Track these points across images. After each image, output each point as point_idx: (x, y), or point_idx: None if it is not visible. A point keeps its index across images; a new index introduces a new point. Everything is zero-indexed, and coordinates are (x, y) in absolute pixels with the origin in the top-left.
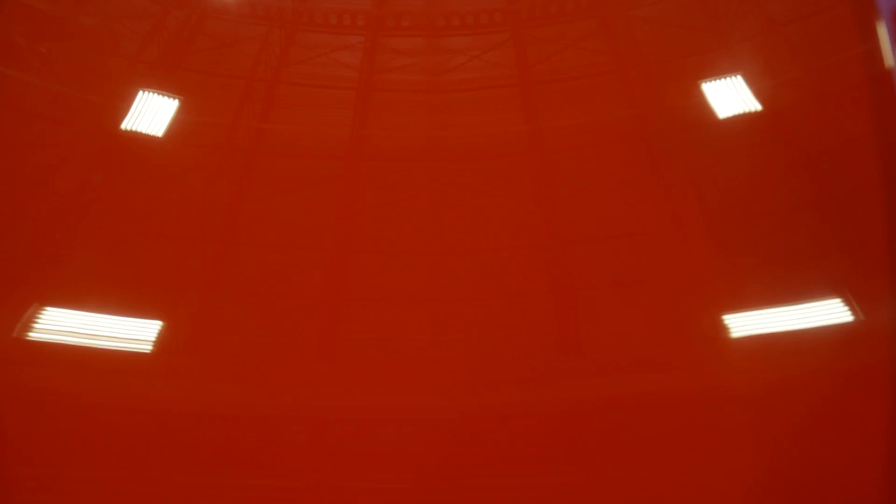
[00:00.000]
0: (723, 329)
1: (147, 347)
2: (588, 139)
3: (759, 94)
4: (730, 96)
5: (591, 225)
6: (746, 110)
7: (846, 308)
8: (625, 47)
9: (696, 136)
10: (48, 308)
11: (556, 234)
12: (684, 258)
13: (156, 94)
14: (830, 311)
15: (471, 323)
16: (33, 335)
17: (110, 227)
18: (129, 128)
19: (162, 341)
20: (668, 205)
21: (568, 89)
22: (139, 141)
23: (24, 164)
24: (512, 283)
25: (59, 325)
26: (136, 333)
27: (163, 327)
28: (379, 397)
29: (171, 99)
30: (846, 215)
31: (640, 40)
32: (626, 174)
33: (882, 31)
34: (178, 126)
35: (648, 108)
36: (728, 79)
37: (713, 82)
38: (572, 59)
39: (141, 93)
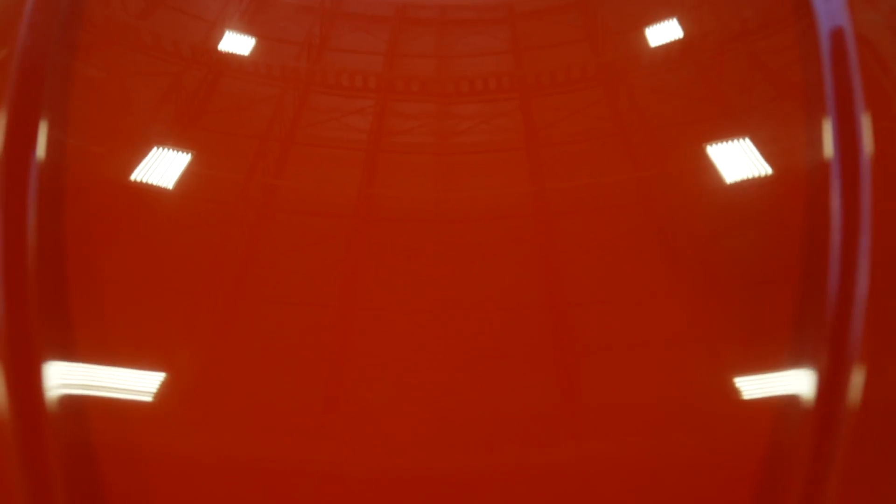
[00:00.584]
0: (730, 391)
1: (150, 398)
2: (593, 202)
3: (767, 160)
4: (737, 162)
5: (596, 287)
6: (753, 176)
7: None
8: (630, 114)
9: (702, 200)
10: (57, 362)
11: (561, 296)
12: (689, 321)
13: (168, 149)
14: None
15: (473, 382)
16: (49, 390)
17: (118, 278)
18: (138, 180)
19: (166, 393)
20: (673, 268)
21: (574, 153)
22: (148, 193)
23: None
24: (516, 343)
25: (66, 377)
26: (140, 385)
27: (168, 379)
28: (381, 453)
29: (184, 154)
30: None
31: (645, 107)
32: (632, 237)
33: None
34: (190, 180)
35: (654, 172)
36: (735, 143)
37: (720, 147)
38: (579, 124)
39: (153, 147)
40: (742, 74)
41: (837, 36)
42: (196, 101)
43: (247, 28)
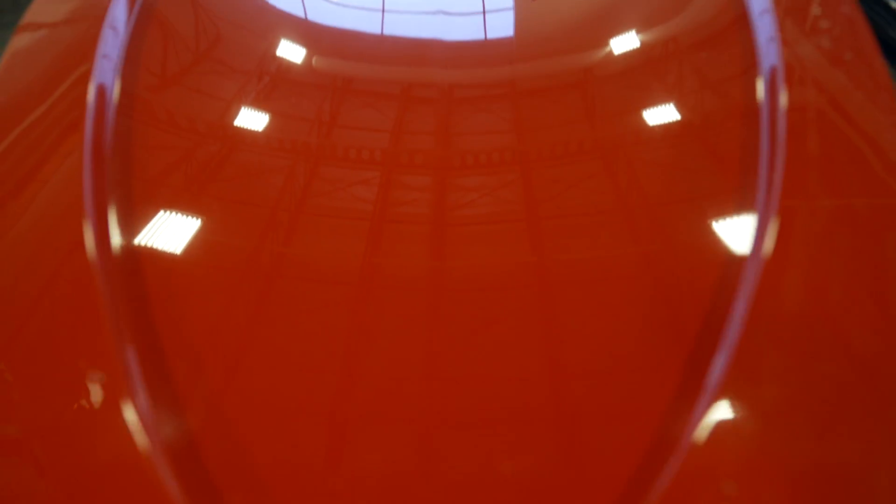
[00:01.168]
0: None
1: (151, 455)
2: (593, 274)
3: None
4: (738, 236)
5: (593, 358)
6: (754, 248)
7: None
8: (628, 188)
9: (703, 271)
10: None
11: (562, 367)
12: (690, 394)
13: (177, 216)
14: None
15: (473, 452)
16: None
17: (124, 340)
18: (146, 244)
19: (167, 455)
20: (676, 341)
21: (573, 226)
22: (156, 258)
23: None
24: (516, 415)
25: None
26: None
27: (171, 440)
28: None
29: (193, 221)
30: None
31: (646, 181)
32: (633, 309)
33: None
34: (198, 247)
35: (654, 245)
36: (736, 218)
37: (721, 222)
38: (578, 197)
39: (161, 213)
40: (733, 151)
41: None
42: (207, 171)
43: (260, 104)
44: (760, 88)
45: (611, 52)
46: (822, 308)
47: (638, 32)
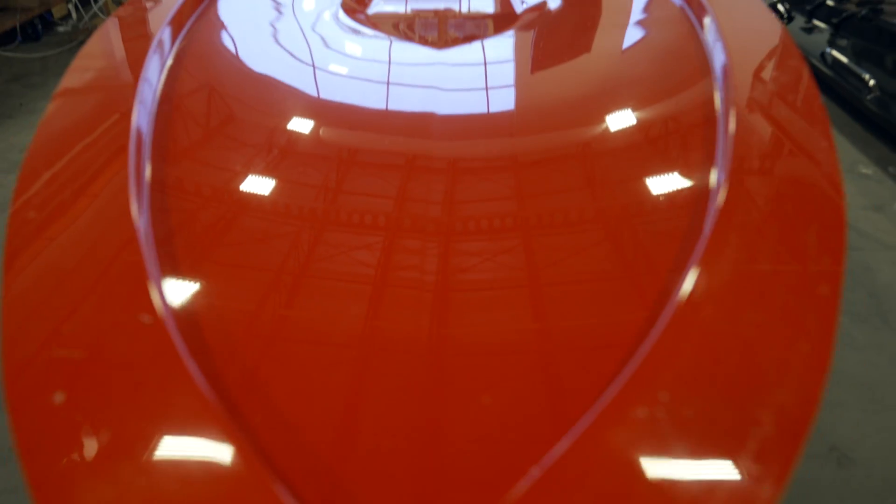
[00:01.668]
0: None
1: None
2: (593, 340)
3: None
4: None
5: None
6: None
7: None
8: (631, 254)
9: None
10: None
11: (563, 433)
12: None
13: (183, 280)
14: None
15: None
16: None
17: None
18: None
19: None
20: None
21: (575, 293)
22: (161, 318)
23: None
24: (506, 476)
25: None
26: None
27: None
28: None
29: (198, 284)
30: None
31: (647, 247)
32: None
33: None
34: (202, 310)
35: (655, 311)
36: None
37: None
38: (578, 264)
39: (168, 276)
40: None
41: None
42: (213, 236)
43: (267, 173)
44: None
45: (591, 124)
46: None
47: (621, 102)
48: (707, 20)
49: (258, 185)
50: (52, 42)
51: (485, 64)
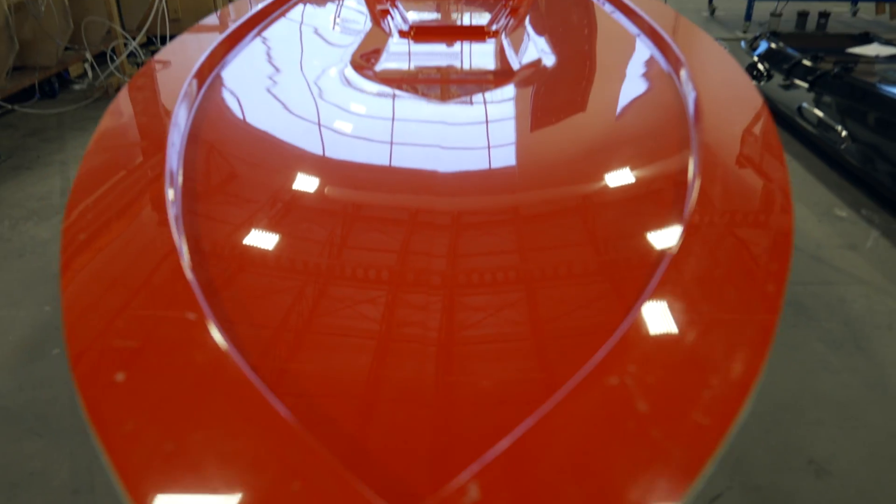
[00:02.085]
0: None
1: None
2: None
3: None
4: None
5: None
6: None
7: None
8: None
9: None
10: None
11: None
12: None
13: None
14: None
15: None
16: None
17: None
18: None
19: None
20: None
21: (579, 345)
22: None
23: None
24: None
25: None
26: None
27: None
28: None
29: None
30: None
31: (623, 267)
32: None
33: None
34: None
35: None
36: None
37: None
38: (582, 318)
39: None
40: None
41: None
42: (215, 291)
43: (269, 228)
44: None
45: (581, 176)
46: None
47: (613, 161)
48: (682, 71)
49: (263, 239)
50: (68, 99)
51: (486, 122)
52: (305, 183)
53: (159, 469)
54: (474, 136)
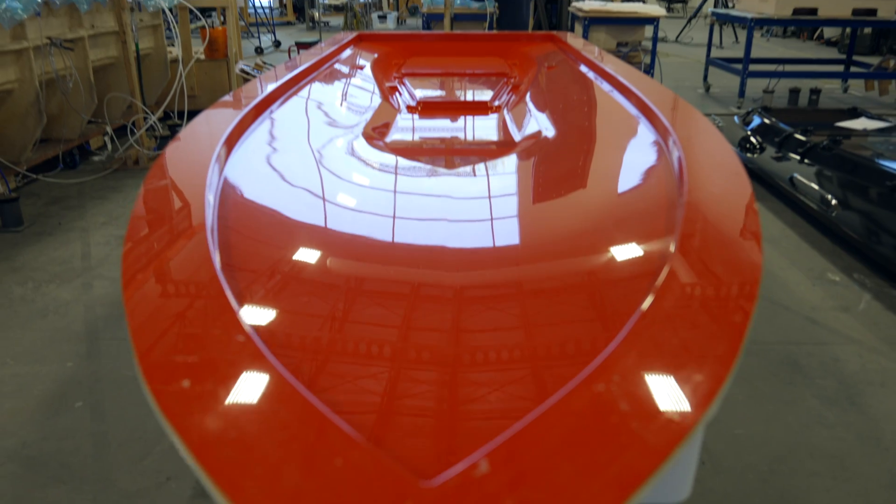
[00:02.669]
0: None
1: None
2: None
3: None
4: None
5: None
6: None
7: None
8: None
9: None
10: None
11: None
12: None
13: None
14: None
15: None
16: None
17: None
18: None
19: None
20: None
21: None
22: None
23: None
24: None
25: None
26: None
27: None
28: None
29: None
30: None
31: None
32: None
33: None
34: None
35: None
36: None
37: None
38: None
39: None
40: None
41: None
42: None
43: (269, 303)
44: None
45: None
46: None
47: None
48: (670, 140)
49: (284, 288)
50: (88, 170)
51: (489, 193)
52: (320, 250)
53: (222, 445)
54: (478, 207)
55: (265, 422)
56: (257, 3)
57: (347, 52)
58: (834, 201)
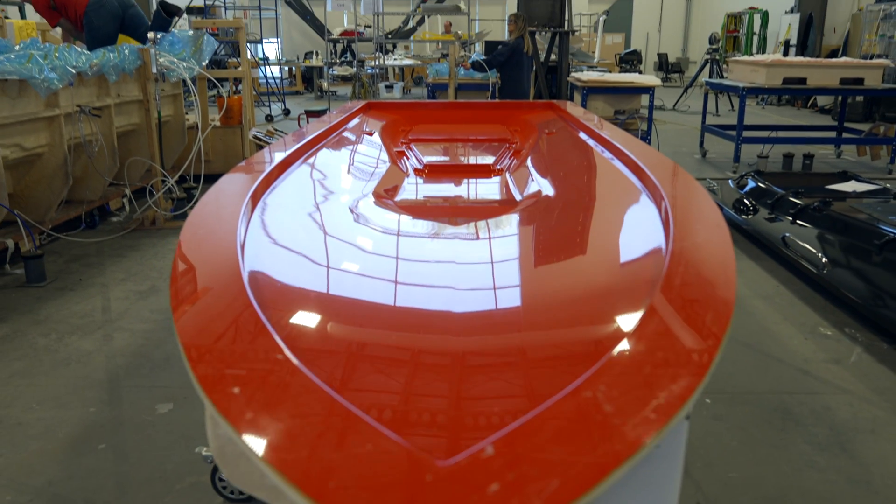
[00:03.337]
0: None
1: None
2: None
3: None
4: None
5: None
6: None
7: None
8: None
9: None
10: None
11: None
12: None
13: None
14: None
15: None
16: None
17: None
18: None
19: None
20: None
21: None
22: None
23: None
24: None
25: None
26: None
27: None
28: None
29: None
30: None
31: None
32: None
33: None
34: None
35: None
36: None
37: None
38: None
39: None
40: None
41: None
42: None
43: (299, 310)
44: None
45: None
46: None
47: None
48: (660, 198)
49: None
50: (107, 230)
51: (490, 253)
52: (338, 293)
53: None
54: (480, 272)
55: (308, 418)
56: (268, 74)
57: (357, 120)
58: (825, 259)
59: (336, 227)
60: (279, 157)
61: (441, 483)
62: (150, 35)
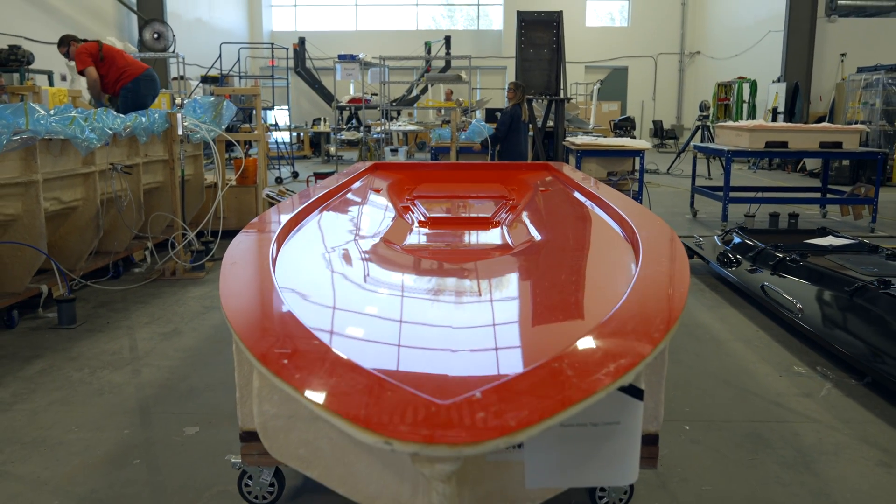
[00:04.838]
0: None
1: None
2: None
3: None
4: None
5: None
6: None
7: None
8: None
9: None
10: None
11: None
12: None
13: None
14: None
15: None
16: None
17: None
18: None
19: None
20: None
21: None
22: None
23: None
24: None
25: None
26: None
27: None
28: None
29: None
30: None
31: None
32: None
33: None
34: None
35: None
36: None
37: None
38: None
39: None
40: None
41: None
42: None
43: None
44: None
45: None
46: None
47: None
48: (638, 243)
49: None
50: (130, 279)
51: (491, 297)
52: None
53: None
54: (480, 312)
55: (345, 378)
56: (278, 139)
57: (365, 179)
58: (800, 305)
59: (347, 263)
60: (297, 209)
61: (443, 410)
62: (178, 100)
